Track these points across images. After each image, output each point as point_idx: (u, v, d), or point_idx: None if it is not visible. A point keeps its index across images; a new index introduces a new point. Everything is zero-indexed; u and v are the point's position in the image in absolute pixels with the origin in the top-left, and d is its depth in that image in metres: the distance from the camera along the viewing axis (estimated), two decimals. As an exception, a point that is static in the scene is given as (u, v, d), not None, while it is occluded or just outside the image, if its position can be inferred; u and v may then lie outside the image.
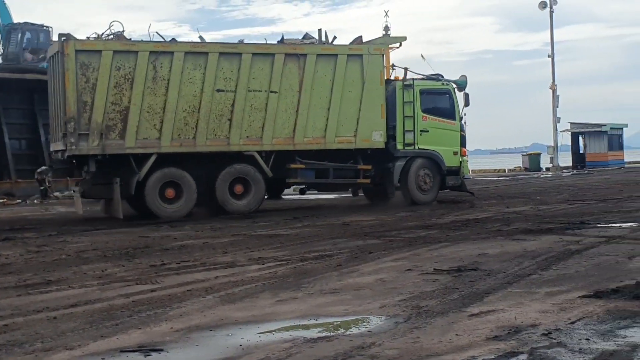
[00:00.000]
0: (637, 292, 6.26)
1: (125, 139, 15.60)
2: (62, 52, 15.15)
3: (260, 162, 16.61)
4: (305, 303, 6.42)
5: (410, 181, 17.84)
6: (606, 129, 44.23)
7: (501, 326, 5.31)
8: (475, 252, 9.18)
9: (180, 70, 15.90)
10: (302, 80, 16.86)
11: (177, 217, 15.69)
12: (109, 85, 15.43)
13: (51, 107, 16.70)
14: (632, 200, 16.83)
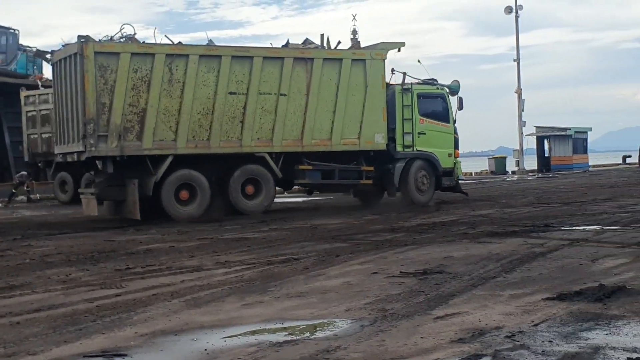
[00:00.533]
0: (599, 295, 6.34)
1: (143, 140, 15.80)
2: (82, 53, 15.24)
3: (271, 163, 17.03)
4: (272, 307, 6.41)
5: (410, 182, 18.44)
6: (571, 133, 44.75)
7: (466, 329, 5.35)
8: (441, 255, 9.24)
9: (195, 73, 16.17)
10: (309, 83, 17.31)
11: (192, 218, 15.89)
12: (126, 87, 15.61)
13: (61, 110, 16.67)
14: (595, 203, 17.04)
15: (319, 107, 17.42)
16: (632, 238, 10.19)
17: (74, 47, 15.62)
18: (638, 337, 4.99)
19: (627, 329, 5.23)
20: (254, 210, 16.79)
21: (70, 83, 15.99)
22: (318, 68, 17.35)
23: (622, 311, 5.75)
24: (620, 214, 14.08)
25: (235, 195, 16.75)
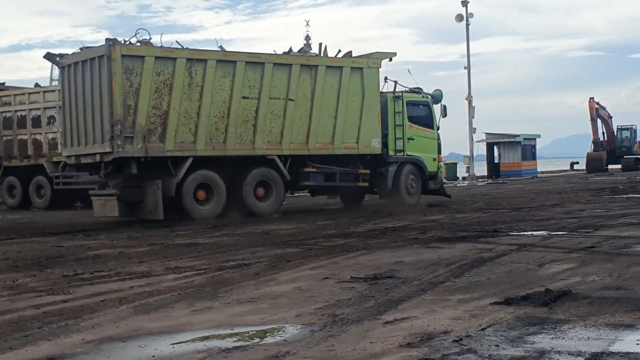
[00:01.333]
0: (545, 299, 6.44)
1: (165, 142, 16.37)
2: (110, 56, 15.71)
3: (280, 166, 17.88)
4: (221, 312, 6.38)
5: (401, 185, 19.63)
6: (520, 140, 45.45)
7: (414, 333, 5.39)
8: (392, 260, 9.29)
9: (212, 78, 16.83)
10: (314, 89, 18.23)
11: (209, 218, 16.50)
12: (150, 90, 16.13)
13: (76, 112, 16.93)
14: (543, 209, 17.33)
15: (322, 113, 18.33)
16: (579, 243, 10.38)
17: (100, 50, 16.04)
18: (582, 341, 5.08)
19: (572, 333, 5.31)
20: (265, 212, 17.53)
21: (93, 85, 16.33)
22: (322, 75, 18.29)
23: (568, 315, 5.84)
24: (567, 219, 14.33)
25: (248, 196, 17.49)
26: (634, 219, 13.71)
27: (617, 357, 4.67)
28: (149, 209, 16.47)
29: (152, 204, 16.36)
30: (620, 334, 5.25)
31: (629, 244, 10.10)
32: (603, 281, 7.31)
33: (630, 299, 6.38)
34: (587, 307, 6.10)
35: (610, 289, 6.87)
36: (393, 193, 19.47)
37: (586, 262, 8.58)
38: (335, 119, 18.54)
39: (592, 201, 19.64)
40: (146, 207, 16.55)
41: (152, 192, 16.33)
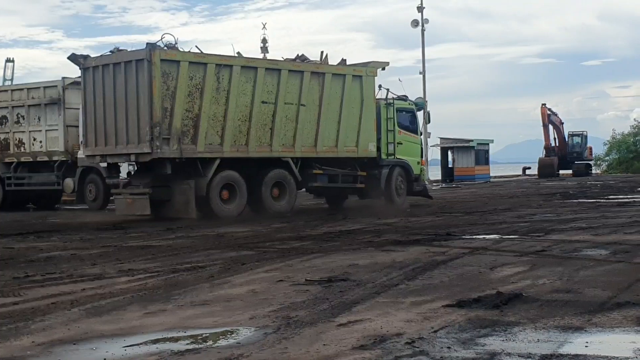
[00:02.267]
0: (497, 302, 6.53)
1: (197, 144, 17.09)
2: (150, 60, 16.35)
3: (293, 168, 18.87)
4: (175, 315, 6.35)
5: (391, 186, 20.80)
6: (473, 145, 45.95)
7: (367, 335, 5.43)
8: (346, 262, 9.33)
9: (237, 83, 17.65)
10: (321, 95, 19.22)
11: (232, 217, 17.28)
12: (184, 94, 16.84)
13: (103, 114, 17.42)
14: (496, 213, 17.55)
15: (328, 117, 19.35)
16: (530, 247, 10.54)
17: (140, 54, 16.63)
18: (532, 343, 5.17)
19: (523, 335, 5.40)
20: (280, 211, 18.34)
21: (127, 88, 16.86)
22: (328, 82, 19.31)
23: (518, 318, 5.93)
24: (519, 223, 14.54)
25: (266, 197, 18.37)
26: (584, 224, 13.97)
27: (566, 359, 4.77)
28: (178, 208, 17.20)
29: (183, 203, 17.10)
30: (570, 336, 5.35)
31: (579, 248, 10.29)
32: (553, 284, 7.44)
33: (580, 302, 6.50)
34: (537, 310, 6.20)
35: (560, 292, 7.00)
36: (384, 194, 20.63)
37: (537, 266, 8.72)
38: (339, 124, 19.58)
39: (544, 206, 19.96)
40: (174, 206, 17.27)
41: (183, 191, 17.10)
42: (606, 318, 5.87)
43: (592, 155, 56.80)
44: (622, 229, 12.72)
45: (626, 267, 8.55)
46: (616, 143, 59.80)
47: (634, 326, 5.60)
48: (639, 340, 5.23)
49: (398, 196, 20.96)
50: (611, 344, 5.19)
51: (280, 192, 18.66)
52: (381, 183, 20.52)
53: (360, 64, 20.38)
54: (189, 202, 17.03)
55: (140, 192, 17.36)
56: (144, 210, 17.24)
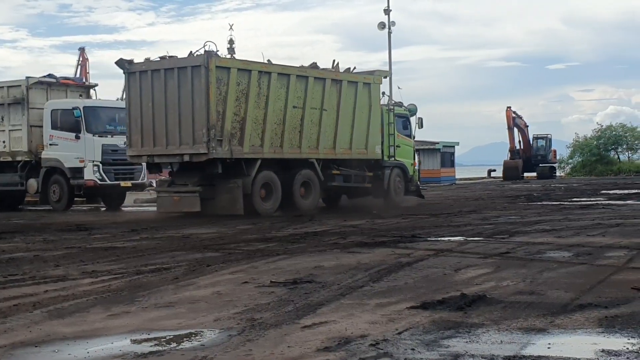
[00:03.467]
0: (461, 303, 6.57)
1: (243, 145, 18.32)
2: (207, 66, 17.54)
3: (317, 168, 20.17)
4: (138, 317, 6.30)
5: (392, 186, 22.25)
6: (439, 147, 46.23)
7: (332, 337, 5.43)
8: (312, 264, 9.33)
9: (274, 89, 18.92)
10: (339, 101, 20.59)
11: (270, 213, 18.49)
12: (233, 98, 18.04)
13: (150, 116, 18.40)
14: (461, 215, 17.67)
15: (344, 122, 20.70)
16: (494, 249, 10.62)
17: (197, 60, 17.75)
18: (496, 345, 5.21)
19: (486, 336, 5.44)
20: (307, 209, 19.54)
21: (180, 92, 17.96)
22: (344, 89, 20.71)
23: (482, 319, 5.98)
24: (483, 225, 14.65)
25: (297, 195, 19.60)
26: (548, 226, 14.12)
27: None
28: (223, 205, 18.20)
29: (229, 200, 18.16)
30: (532, 337, 5.40)
31: (542, 250, 10.40)
32: (517, 286, 7.51)
33: (543, 304, 6.57)
34: (500, 312, 6.25)
35: (524, 294, 7.07)
36: (386, 193, 22.13)
37: (501, 268, 8.79)
38: (352, 128, 20.97)
39: (508, 208, 20.14)
40: (220, 203, 18.26)
41: (230, 189, 18.19)
42: (568, 319, 5.94)
43: (556, 158, 57.49)
44: (585, 231, 12.88)
45: (588, 269, 8.66)
46: (579, 146, 60.55)
47: (595, 327, 5.67)
48: (600, 341, 5.29)
49: (397, 195, 22.44)
50: (573, 346, 5.25)
51: (306, 190, 19.94)
52: (384, 183, 21.99)
53: (366, 72, 22.01)
54: (236, 200, 18.11)
55: (189, 190, 18.35)
56: (193, 207, 18.25)
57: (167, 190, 18.95)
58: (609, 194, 27.27)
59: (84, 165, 22.55)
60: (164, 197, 18.98)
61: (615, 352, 4.96)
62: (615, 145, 60.20)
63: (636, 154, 61.21)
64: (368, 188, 21.91)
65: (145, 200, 27.63)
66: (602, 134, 60.40)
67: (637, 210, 18.26)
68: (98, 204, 25.26)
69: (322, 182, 20.33)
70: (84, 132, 22.48)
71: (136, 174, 23.70)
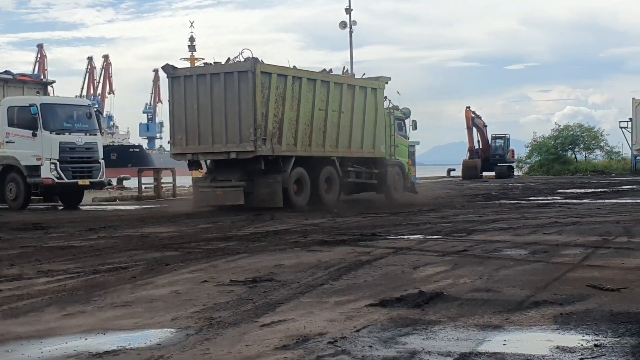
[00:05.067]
0: (419, 301, 6.61)
1: (281, 144, 19.94)
2: (254, 72, 19.16)
3: (337, 166, 21.84)
4: (94, 317, 6.23)
5: (392, 183, 24.09)
6: (400, 146, 46.32)
7: (290, 335, 5.43)
8: (272, 263, 9.32)
9: (304, 92, 20.60)
10: (353, 104, 22.35)
11: (302, 206, 20.03)
12: (274, 101, 19.64)
13: (196, 116, 19.88)
14: (421, 213, 17.77)
15: (356, 123, 22.41)
16: (452, 247, 10.71)
17: (245, 65, 19.42)
18: (452, 342, 5.25)
19: (443, 333, 5.48)
20: (330, 202, 21.10)
21: (227, 95, 19.50)
22: (357, 93, 22.52)
23: (439, 317, 6.02)
24: (442, 223, 14.76)
25: (322, 190, 21.18)
26: (505, 224, 14.27)
27: (484, 357, 4.86)
28: (262, 199, 19.68)
29: (269, 194, 19.67)
30: (488, 334, 5.46)
31: (499, 248, 10.51)
32: (473, 283, 7.58)
33: (499, 301, 6.64)
34: (457, 309, 6.31)
35: (480, 291, 7.13)
36: (387, 189, 23.86)
37: (458, 265, 8.87)
38: (363, 129, 22.69)
39: (467, 206, 20.33)
40: (259, 197, 19.74)
41: (269, 184, 19.71)
42: (524, 316, 6.01)
43: (514, 158, 58.07)
44: (542, 230, 13.04)
45: (544, 266, 8.77)
46: (537, 146, 61.21)
47: (551, 324, 5.74)
48: (555, 338, 5.36)
49: (396, 191, 24.17)
50: (528, 342, 5.31)
51: (328, 186, 21.52)
52: (387, 180, 23.76)
53: (373, 78, 23.83)
54: (275, 194, 19.64)
55: (233, 185, 19.83)
56: (237, 200, 19.69)
57: (209, 186, 20.25)
58: (565, 193, 27.65)
59: (41, 163, 22.23)
60: (207, 192, 20.27)
61: (570, 349, 5.02)
62: (572, 145, 60.99)
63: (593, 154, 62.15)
64: (374, 184, 23.66)
65: (104, 199, 27.34)
66: (560, 134, 61.16)
67: (593, 209, 18.54)
68: (55, 203, 24.91)
69: (340, 178, 21.97)
70: (41, 130, 22.16)
71: (94, 172, 23.42)
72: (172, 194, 29.80)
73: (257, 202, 19.72)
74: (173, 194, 29.83)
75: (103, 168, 23.67)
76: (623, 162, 57.88)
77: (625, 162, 57.17)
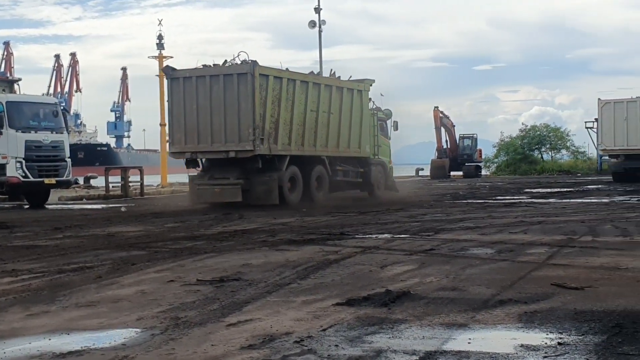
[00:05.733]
0: (385, 300, 6.64)
1: (277, 143, 20.69)
2: (253, 74, 19.89)
3: (327, 165, 22.69)
4: (59, 317, 6.16)
5: (376, 181, 24.96)
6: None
7: (257, 335, 5.42)
8: (240, 262, 9.29)
9: (298, 94, 21.38)
10: (341, 106, 23.18)
11: (296, 203, 20.74)
12: (270, 102, 20.37)
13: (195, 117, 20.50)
14: (388, 212, 17.83)
15: (344, 123, 23.29)
16: (419, 246, 10.76)
17: (243, 68, 20.14)
18: (418, 340, 5.27)
19: (409, 332, 5.50)
20: (320, 200, 21.93)
21: (226, 96, 20.17)
22: (345, 95, 23.42)
23: (405, 315, 6.05)
24: (410, 223, 14.82)
25: (312, 188, 21.96)
26: (472, 223, 14.37)
27: (449, 356, 4.89)
28: (259, 196, 20.36)
29: (265, 192, 20.40)
30: (454, 333, 5.49)
31: (466, 247, 10.58)
32: (440, 282, 7.62)
33: (464, 300, 6.69)
34: (423, 308, 6.34)
35: (446, 290, 7.18)
36: (371, 187, 24.82)
37: (425, 264, 8.91)
38: (350, 129, 23.54)
39: (434, 206, 20.44)
40: (256, 194, 20.42)
41: (265, 182, 20.42)
42: (489, 315, 6.05)
43: (481, 157, 58.48)
44: (508, 229, 13.15)
45: (510, 265, 8.85)
46: (504, 145, 61.69)
47: (515, 323, 5.79)
48: (520, 336, 5.40)
49: (378, 189, 25.11)
50: (493, 341, 5.35)
51: (318, 184, 22.32)
52: (372, 178, 24.68)
53: (358, 80, 24.48)
54: (271, 191, 20.39)
55: (231, 182, 20.53)
56: (235, 197, 20.43)
57: (207, 183, 20.97)
58: (532, 193, 27.90)
59: (7, 161, 21.96)
60: (205, 189, 21.01)
61: (534, 347, 5.07)
62: (539, 145, 61.57)
63: (559, 154, 62.80)
64: (359, 182, 24.55)
65: (70, 198, 27.07)
66: (527, 134, 61.71)
67: (558, 208, 18.73)
68: (21, 202, 24.61)
69: (330, 177, 22.85)
70: (6, 128, 21.89)
71: (61, 170, 23.19)
72: (139, 192, 29.59)
73: (253, 199, 20.35)
74: (141, 192, 29.63)
75: (70, 167, 23.44)
76: (589, 162, 58.53)
77: (591, 162, 57.82)
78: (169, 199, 27.05)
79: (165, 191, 32.80)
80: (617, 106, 37.05)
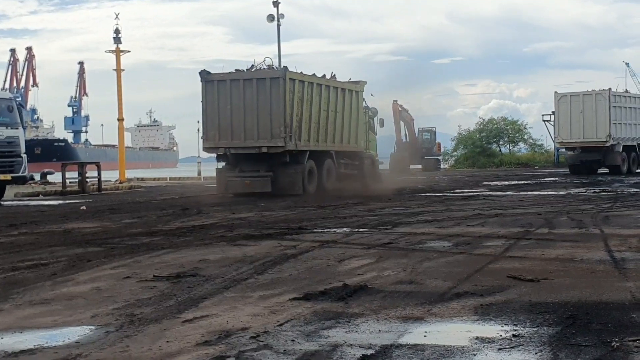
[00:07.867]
0: (342, 294, 6.64)
1: (301, 140, 23.52)
2: (285, 78, 22.77)
3: (334, 159, 25.77)
4: (11, 315, 6.06)
5: (367, 173, 27.87)
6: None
7: (213, 331, 5.38)
8: (197, 258, 9.23)
9: (314, 95, 24.27)
10: (343, 105, 26.14)
11: (312, 193, 23.36)
12: (295, 103, 23.14)
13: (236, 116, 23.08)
14: (347, 207, 17.86)
15: (346, 121, 26.31)
16: (377, 240, 10.80)
17: (276, 73, 23.28)
18: (374, 334, 5.28)
19: (365, 326, 5.51)
20: (330, 190, 24.58)
21: (259, 97, 22.95)
22: (346, 95, 26.42)
23: (362, 309, 6.06)
24: (369, 217, 14.87)
25: (324, 179, 24.87)
26: (430, 217, 14.47)
27: (404, 349, 4.90)
28: (284, 187, 22.97)
29: (289, 183, 23.13)
30: (410, 326, 5.51)
31: (424, 240, 10.65)
32: (397, 276, 7.65)
33: (421, 293, 6.72)
34: (380, 301, 6.36)
35: (404, 283, 7.21)
36: (363, 178, 27.39)
37: (383, 258, 8.94)
38: (349, 126, 26.57)
39: (393, 199, 20.53)
40: (281, 185, 23.00)
41: (290, 175, 23.15)
42: (445, 308, 6.09)
43: (440, 151, 58.96)
44: (465, 222, 13.27)
45: (467, 258, 8.92)
46: (463, 139, 62.24)
47: (471, 315, 5.84)
48: (475, 329, 5.45)
49: (369, 180, 27.44)
50: (449, 334, 5.38)
51: (327, 175, 25.16)
52: (364, 170, 27.59)
53: (354, 82, 27.38)
54: (296, 183, 23.24)
55: (261, 175, 23.02)
56: (265, 188, 22.86)
57: (238, 176, 23.32)
58: (490, 186, 28.20)
59: (-40, 157, 21.54)
60: (235, 181, 23.34)
61: (489, 339, 5.11)
62: (497, 138, 62.23)
63: (517, 147, 63.53)
64: (355, 174, 27.31)
65: (27, 194, 26.68)
66: (485, 127, 62.31)
67: (515, 201, 18.95)
68: (-25, 198, 24.17)
69: (335, 169, 25.79)
70: (-41, 123, 21.47)
71: (16, 166, 22.82)
72: (97, 188, 29.26)
73: (279, 189, 22.87)
74: (98, 188, 29.31)
75: (25, 162, 23.08)
76: (546, 154, 59.36)
77: (548, 155, 58.63)
78: (129, 194, 26.81)
79: (123, 187, 32.48)
80: (573, 99, 37.56)
